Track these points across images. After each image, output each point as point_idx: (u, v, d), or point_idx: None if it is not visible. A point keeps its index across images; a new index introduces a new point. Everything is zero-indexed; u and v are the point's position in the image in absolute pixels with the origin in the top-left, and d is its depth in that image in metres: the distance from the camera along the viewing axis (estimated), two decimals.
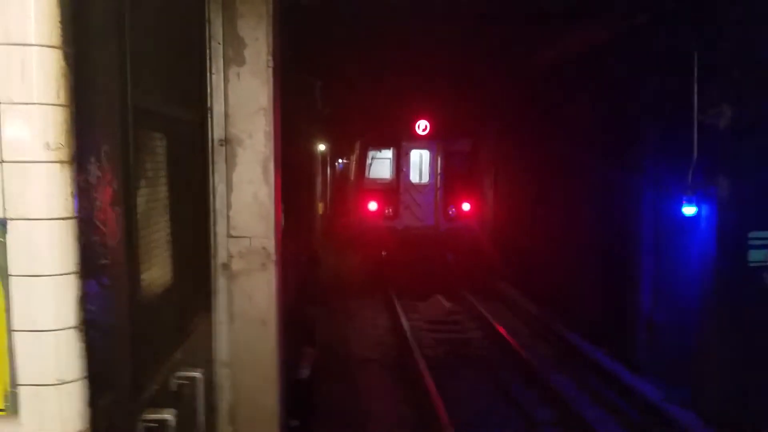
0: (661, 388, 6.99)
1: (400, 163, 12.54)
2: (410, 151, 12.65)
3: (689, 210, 6.51)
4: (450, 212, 12.35)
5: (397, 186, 12.46)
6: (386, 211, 12.33)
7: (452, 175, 12.40)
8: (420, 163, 12.71)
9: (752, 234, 6.10)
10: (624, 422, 6.66)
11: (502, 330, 9.25)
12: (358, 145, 14.21)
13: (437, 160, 12.54)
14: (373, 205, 12.42)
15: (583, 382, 7.79)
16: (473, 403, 7.13)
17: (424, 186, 12.60)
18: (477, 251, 12.59)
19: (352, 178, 15.63)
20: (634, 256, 7.88)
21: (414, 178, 12.65)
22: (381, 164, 12.88)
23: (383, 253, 12.23)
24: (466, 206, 12.38)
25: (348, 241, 15.24)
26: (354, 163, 15.69)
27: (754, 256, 6.10)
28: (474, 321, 10.32)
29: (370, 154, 12.90)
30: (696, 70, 6.60)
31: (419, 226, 12.30)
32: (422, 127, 12.34)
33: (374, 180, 12.77)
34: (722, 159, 6.29)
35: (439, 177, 12.49)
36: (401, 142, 12.49)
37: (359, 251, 13.92)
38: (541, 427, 6.65)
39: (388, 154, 12.78)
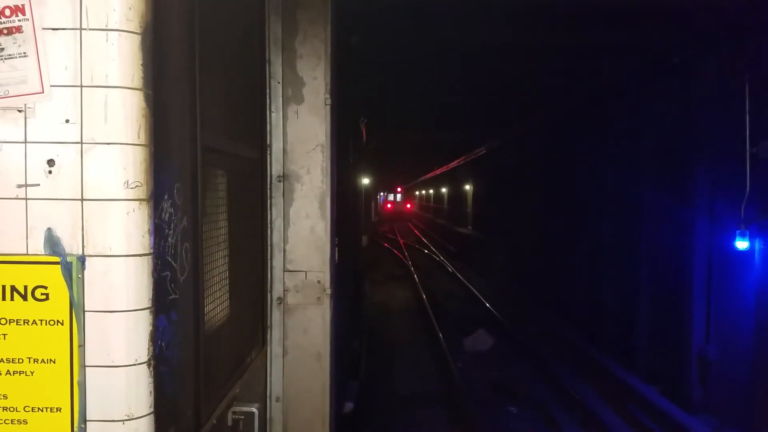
0: (714, 427, 6.67)
1: (394, 196, 63.19)
2: (397, 194, 63.45)
3: (742, 244, 6.29)
4: (405, 208, 61.93)
5: (394, 201, 63.03)
6: (392, 207, 61.21)
7: (405, 200, 63.50)
8: (400, 196, 63.94)
9: None
10: None
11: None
12: (384, 192, 58.63)
13: (403, 196, 63.36)
14: (388, 206, 61.01)
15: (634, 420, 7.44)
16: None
17: (400, 201, 63.26)
18: (413, 219, 54.27)
19: (384, 199, 60.80)
20: (685, 290, 7.62)
21: (398, 200, 63.70)
22: (390, 196, 62.91)
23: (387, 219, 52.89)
24: (408, 206, 62.65)
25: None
26: (385, 195, 61.15)
27: None
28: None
29: (389, 194, 62.10)
30: (747, 101, 6.44)
31: (399, 210, 60.97)
32: (398, 189, 61.40)
33: (389, 200, 62.60)
34: None
35: (402, 200, 63.43)
36: (394, 191, 61.95)
37: (386, 225, 43.76)
38: None
39: (391, 194, 62.77)
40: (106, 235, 1.59)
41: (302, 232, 3.22)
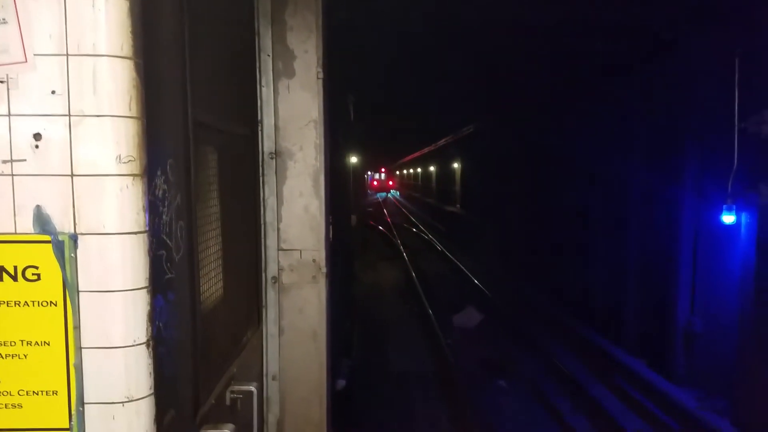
0: (699, 397, 6.85)
1: (378, 175, 71.31)
2: (381, 173, 72.00)
3: (729, 218, 6.36)
4: (388, 185, 69.69)
5: (379, 180, 70.74)
6: (378, 184, 68.82)
7: (388, 179, 71.32)
8: (384, 175, 72.31)
9: None
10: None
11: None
12: (370, 172, 62.65)
13: (387, 175, 72.06)
14: (374, 183, 68.73)
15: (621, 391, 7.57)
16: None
17: (384, 179, 71.00)
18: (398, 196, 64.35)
19: (371, 178, 66.97)
20: (672, 264, 7.71)
21: (382, 178, 71.39)
22: (376, 175, 70.66)
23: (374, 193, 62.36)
24: (390, 183, 70.99)
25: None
26: (372, 174, 68.19)
27: None
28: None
29: (374, 174, 69.67)
30: (737, 76, 6.43)
31: (383, 187, 68.67)
32: (383, 169, 69.12)
33: (375, 178, 69.89)
34: (763, 166, 6.10)
35: (386, 178, 71.65)
36: (379, 171, 69.73)
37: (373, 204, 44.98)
38: None
39: (377, 173, 70.81)
40: (99, 213, 1.52)
41: (296, 211, 3.16)
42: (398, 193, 68.59)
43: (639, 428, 6.65)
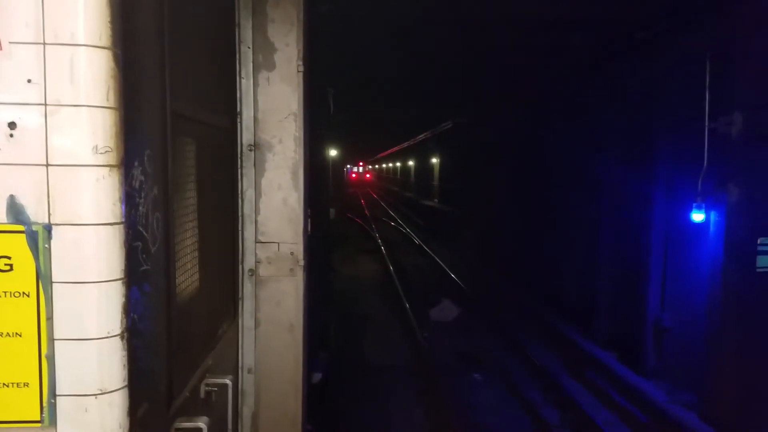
0: (668, 390, 7.04)
1: (357, 168, 74.21)
2: (360, 166, 76.02)
3: (698, 216, 6.51)
4: (365, 178, 73.34)
5: (358, 172, 74.80)
6: (356, 177, 70.57)
7: (366, 171, 75.72)
8: (362, 168, 75.62)
9: (761, 240, 6.06)
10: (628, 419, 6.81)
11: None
12: (349, 165, 61.09)
13: (365, 168, 76.89)
14: (353, 175, 68.94)
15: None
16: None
17: (362, 171, 75.98)
18: (372, 187, 67.29)
19: (350, 171, 64.14)
20: (642, 261, 7.88)
21: (360, 171, 75.55)
22: (355, 168, 72.13)
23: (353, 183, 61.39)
24: (368, 176, 75.52)
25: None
26: (351, 167, 66.54)
27: (763, 261, 6.06)
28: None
29: (354, 167, 70.32)
30: (708, 77, 6.57)
31: (361, 179, 72.16)
32: (362, 162, 72.52)
33: (354, 171, 71.32)
34: (732, 166, 6.26)
35: (363, 171, 76.20)
36: (357, 164, 72.22)
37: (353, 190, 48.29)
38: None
39: (355, 167, 72.39)
40: (75, 203, 1.51)
41: (275, 204, 3.15)
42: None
43: (608, 420, 6.80)
